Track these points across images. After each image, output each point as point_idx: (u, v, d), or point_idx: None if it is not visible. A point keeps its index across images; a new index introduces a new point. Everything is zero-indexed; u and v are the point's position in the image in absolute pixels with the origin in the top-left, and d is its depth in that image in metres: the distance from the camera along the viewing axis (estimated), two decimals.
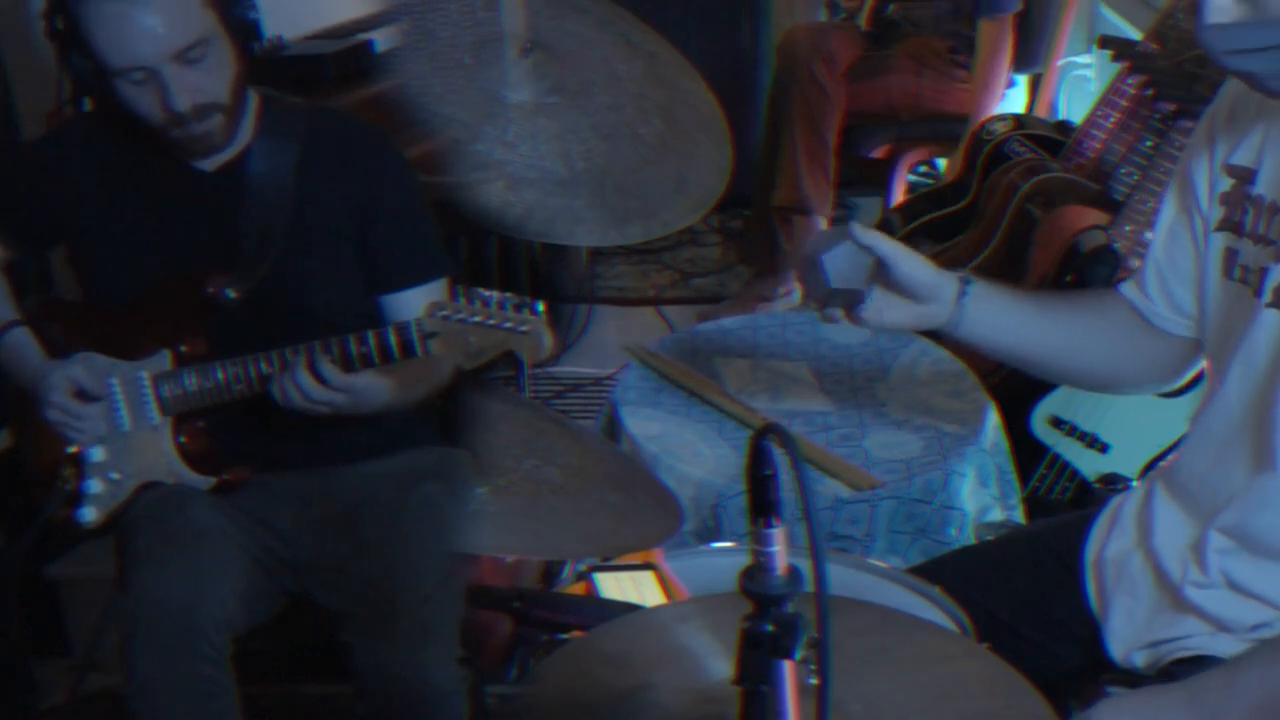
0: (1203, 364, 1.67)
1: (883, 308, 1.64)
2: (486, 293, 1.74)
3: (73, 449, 2.00)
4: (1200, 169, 1.57)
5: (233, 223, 1.98)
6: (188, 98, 1.86)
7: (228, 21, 1.89)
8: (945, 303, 1.64)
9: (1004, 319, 1.66)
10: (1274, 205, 1.46)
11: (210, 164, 1.99)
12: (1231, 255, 1.52)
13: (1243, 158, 1.52)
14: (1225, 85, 1.58)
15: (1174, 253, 1.61)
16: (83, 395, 1.97)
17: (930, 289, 1.63)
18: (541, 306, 1.74)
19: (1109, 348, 1.68)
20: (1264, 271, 1.46)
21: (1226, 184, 1.53)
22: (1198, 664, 1.48)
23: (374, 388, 1.90)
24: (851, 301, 1.63)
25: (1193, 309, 1.61)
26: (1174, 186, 1.63)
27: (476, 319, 1.73)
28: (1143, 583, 1.57)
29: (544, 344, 1.73)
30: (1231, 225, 1.52)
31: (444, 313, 1.74)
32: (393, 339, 1.82)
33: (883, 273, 1.62)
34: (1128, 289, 1.67)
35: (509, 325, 1.72)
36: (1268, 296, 1.45)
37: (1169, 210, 1.62)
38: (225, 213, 1.99)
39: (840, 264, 1.59)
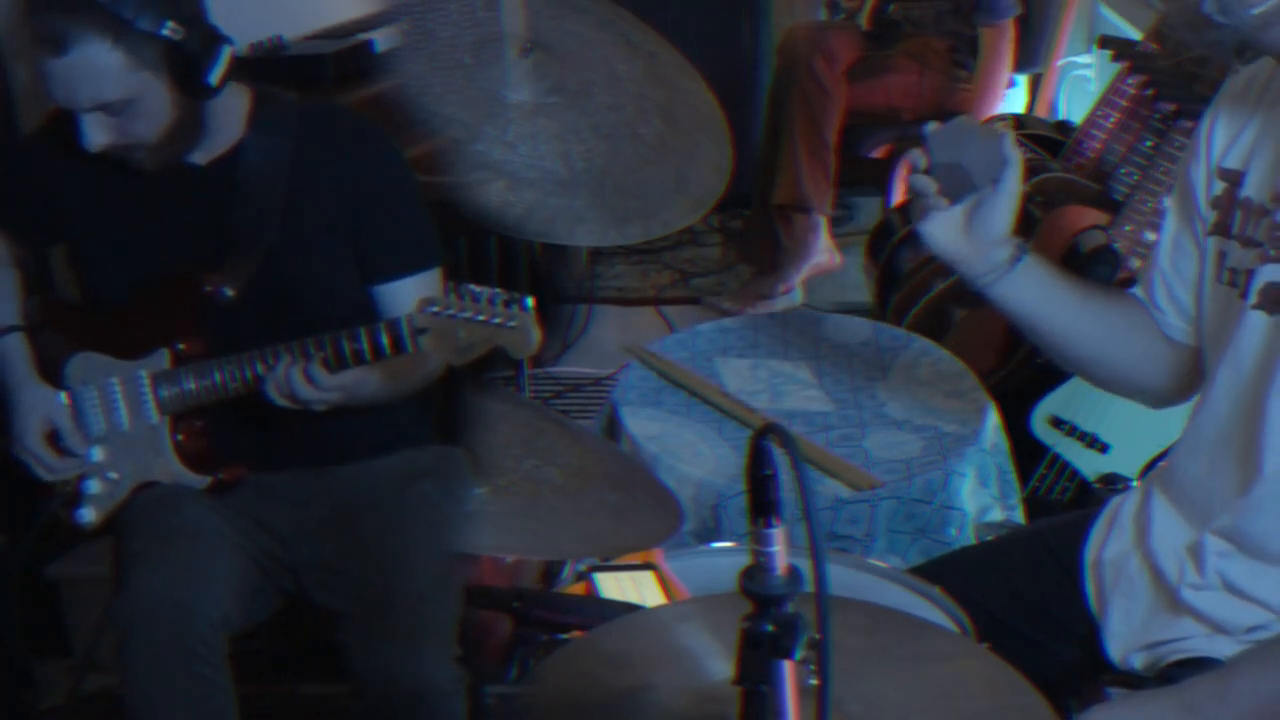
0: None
1: (946, 222, 1.59)
2: (477, 288, 1.74)
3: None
4: (1198, 174, 1.57)
5: (226, 218, 1.98)
6: (102, 138, 1.85)
7: (171, 76, 1.84)
8: (994, 261, 1.59)
9: (1044, 298, 1.62)
10: (1261, 207, 1.46)
11: (202, 159, 1.99)
12: (1221, 258, 1.52)
13: (1233, 161, 1.52)
14: (1220, 90, 1.57)
15: (1179, 261, 1.60)
16: (55, 441, 1.97)
17: (995, 238, 1.58)
18: (530, 302, 1.74)
19: (1133, 347, 1.66)
20: (1250, 273, 1.46)
21: (1219, 187, 1.53)
22: (1195, 666, 1.48)
23: (363, 382, 1.90)
24: (964, 187, 1.56)
25: (1193, 312, 1.60)
26: (1175, 195, 1.62)
27: (466, 314, 1.73)
28: (1140, 584, 1.57)
29: (532, 339, 1.73)
30: (1221, 228, 1.52)
31: (434, 309, 1.75)
32: (384, 336, 1.82)
33: (984, 195, 1.57)
34: (1141, 294, 1.66)
35: (498, 320, 1.73)
36: (1254, 298, 1.45)
37: (1172, 220, 1.62)
38: (218, 208, 1.98)
39: (984, 151, 1.55)
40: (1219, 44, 1.39)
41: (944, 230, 1.59)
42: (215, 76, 1.87)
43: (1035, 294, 1.62)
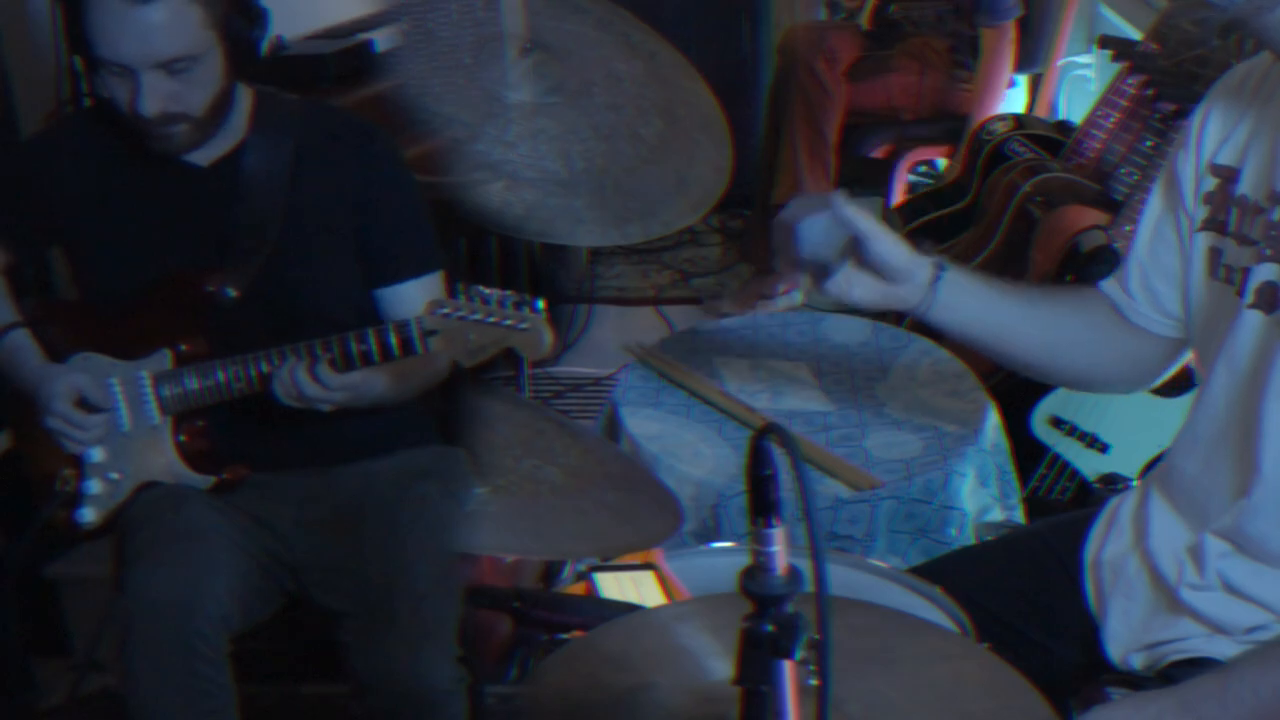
0: (1181, 364, 1.67)
1: (853, 283, 1.63)
2: (487, 290, 1.74)
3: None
4: (1186, 168, 1.57)
5: (228, 219, 1.98)
6: (158, 104, 1.85)
7: (229, 40, 1.88)
8: (918, 286, 1.62)
9: (977, 308, 1.65)
10: (1257, 205, 1.46)
11: (204, 159, 1.99)
12: (1216, 255, 1.52)
13: (1227, 157, 1.52)
14: (1214, 86, 1.57)
15: (1159, 250, 1.61)
16: (85, 404, 1.97)
17: (903, 271, 1.62)
18: (541, 304, 1.74)
19: (1085, 345, 1.68)
20: (1246, 272, 1.46)
21: (1211, 183, 1.53)
22: (1195, 666, 1.47)
23: (371, 382, 1.90)
24: (819, 272, 1.62)
25: (1176, 308, 1.60)
26: (1160, 184, 1.62)
27: (477, 316, 1.73)
28: (1139, 584, 1.57)
29: (544, 341, 1.73)
30: (1216, 225, 1.52)
31: (444, 310, 1.74)
32: (393, 338, 1.82)
33: (857, 249, 1.61)
34: (1109, 286, 1.67)
35: (509, 323, 1.72)
36: (1250, 297, 1.45)
37: (1155, 208, 1.62)
38: (220, 209, 1.98)
39: (815, 233, 1.59)
40: (1205, 22, 1.39)
41: (860, 290, 1.64)
42: (263, 49, 1.91)
43: (968, 304, 1.64)
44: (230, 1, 1.87)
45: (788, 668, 1.03)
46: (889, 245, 1.61)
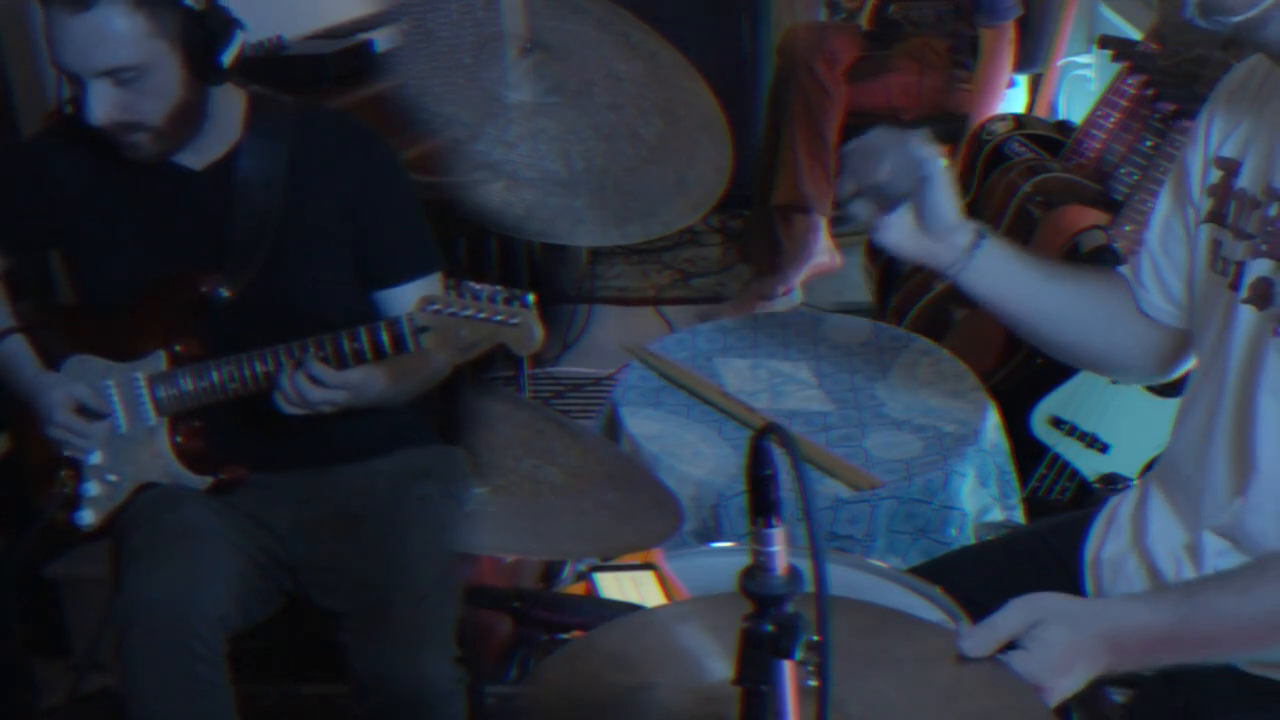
0: (1193, 362, 1.67)
1: (895, 226, 1.65)
2: (477, 286, 1.74)
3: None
4: (1194, 161, 1.58)
5: (223, 221, 1.98)
6: (109, 113, 1.84)
7: (185, 51, 1.85)
8: (956, 249, 1.65)
9: (1009, 279, 1.67)
10: (1254, 200, 1.47)
11: (198, 163, 1.98)
12: (1216, 246, 1.53)
13: (1230, 150, 1.53)
14: (1223, 79, 1.58)
15: (1168, 242, 1.62)
16: (84, 411, 1.97)
17: (947, 227, 1.64)
18: (531, 298, 1.74)
19: (1105, 326, 1.69)
20: (1241, 266, 1.47)
21: (1215, 175, 1.54)
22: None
23: (369, 380, 1.90)
24: (888, 202, 1.63)
25: (1184, 299, 1.62)
26: (1171, 179, 1.64)
27: (467, 313, 1.73)
28: (1138, 582, 1.57)
29: (534, 336, 1.73)
30: (1217, 217, 1.53)
31: (435, 307, 1.74)
32: (384, 334, 1.82)
33: (918, 194, 1.63)
34: (1126, 271, 1.69)
35: (499, 318, 1.72)
36: (1244, 292, 1.46)
37: (1165, 201, 1.64)
38: (215, 211, 1.98)
39: (894, 158, 1.60)
40: (1205, 42, 1.40)
41: (899, 234, 1.66)
42: (227, 59, 1.87)
43: (1001, 275, 1.67)
44: (184, 12, 1.84)
45: (788, 668, 1.03)
46: (946, 197, 1.63)
